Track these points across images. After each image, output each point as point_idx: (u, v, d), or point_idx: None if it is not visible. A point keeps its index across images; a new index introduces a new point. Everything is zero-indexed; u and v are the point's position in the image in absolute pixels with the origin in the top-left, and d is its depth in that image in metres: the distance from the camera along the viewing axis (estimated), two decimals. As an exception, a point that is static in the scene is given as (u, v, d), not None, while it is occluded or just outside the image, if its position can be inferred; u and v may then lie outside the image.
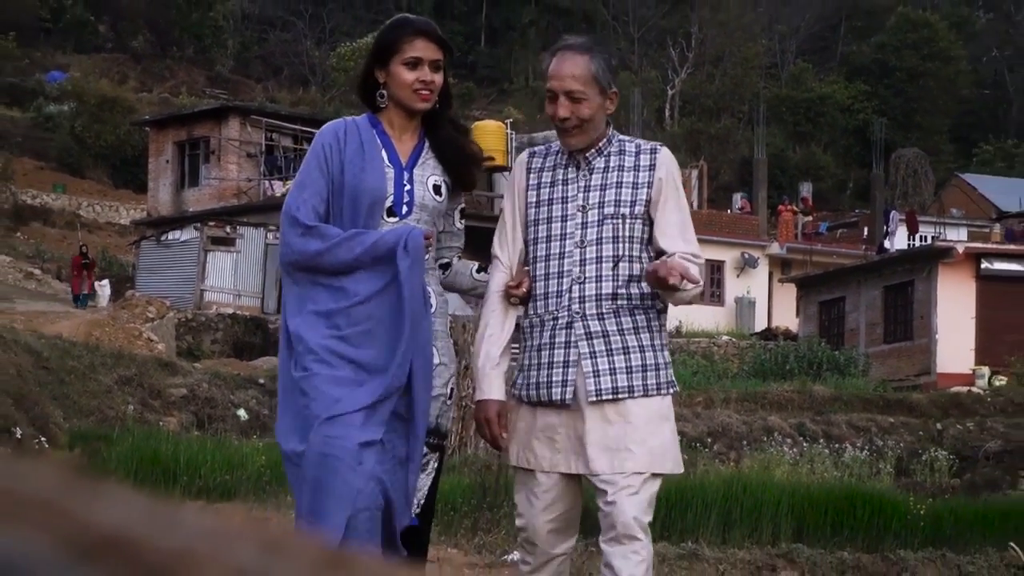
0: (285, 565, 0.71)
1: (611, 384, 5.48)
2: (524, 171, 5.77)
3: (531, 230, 5.68)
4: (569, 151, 5.67)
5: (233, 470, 15.24)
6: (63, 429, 18.03)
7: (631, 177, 5.65)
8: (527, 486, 5.56)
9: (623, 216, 5.59)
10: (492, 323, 5.64)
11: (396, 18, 5.90)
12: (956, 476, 26.55)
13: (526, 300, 5.63)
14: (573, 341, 5.51)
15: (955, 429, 30.32)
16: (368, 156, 5.45)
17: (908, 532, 19.04)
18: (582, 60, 5.60)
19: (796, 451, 24.11)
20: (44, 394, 19.62)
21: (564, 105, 5.53)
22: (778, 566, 16.88)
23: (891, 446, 27.12)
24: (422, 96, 5.47)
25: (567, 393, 5.46)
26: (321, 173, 5.46)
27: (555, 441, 5.50)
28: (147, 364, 27.11)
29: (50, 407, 19.01)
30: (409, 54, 5.44)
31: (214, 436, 19.97)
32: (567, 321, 5.52)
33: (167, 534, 0.71)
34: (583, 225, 5.59)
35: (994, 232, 58.91)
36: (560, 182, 5.67)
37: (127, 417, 21.26)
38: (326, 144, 5.51)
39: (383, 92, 5.56)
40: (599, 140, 5.67)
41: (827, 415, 29.18)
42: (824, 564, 17.87)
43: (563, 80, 5.55)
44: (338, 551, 0.82)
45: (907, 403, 32.21)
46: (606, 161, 5.67)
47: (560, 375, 5.49)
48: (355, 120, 5.61)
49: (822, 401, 30.44)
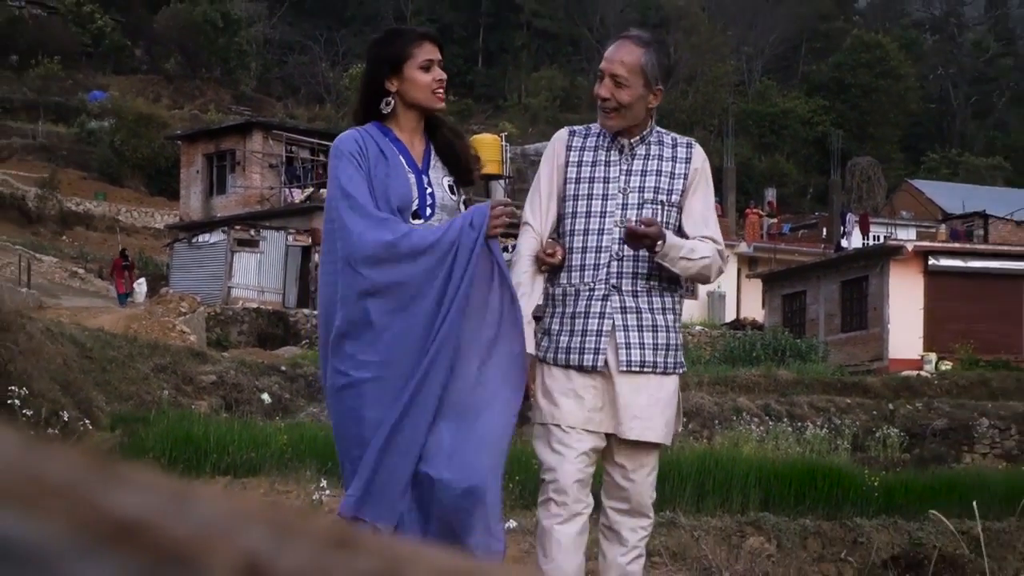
0: (297, 546, 0.70)
1: (640, 357, 5.42)
2: (564, 147, 5.65)
3: (568, 204, 5.57)
4: (613, 135, 5.58)
5: (258, 448, 15.21)
6: (105, 412, 18.01)
7: (669, 167, 5.59)
8: (557, 441, 5.39)
9: (661, 203, 5.54)
10: (524, 282, 5.47)
11: (390, 30, 5.78)
12: (906, 451, 26.58)
13: (556, 269, 5.52)
14: (608, 313, 5.43)
15: (905, 409, 30.32)
16: (391, 163, 5.30)
17: (864, 502, 19.05)
18: (637, 50, 5.51)
19: (762, 429, 24.10)
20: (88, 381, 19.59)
21: (607, 86, 5.46)
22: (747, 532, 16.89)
23: (848, 424, 27.12)
24: (439, 96, 5.38)
25: (599, 360, 5.39)
26: (361, 176, 5.27)
27: (584, 401, 5.40)
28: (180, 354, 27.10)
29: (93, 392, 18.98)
30: (422, 58, 5.32)
31: (240, 418, 19.93)
32: (604, 293, 5.44)
33: (182, 519, 0.69)
34: (624, 206, 5.51)
35: (940, 232, 58.93)
36: (602, 163, 5.57)
37: (162, 401, 21.23)
38: (352, 151, 5.31)
39: (390, 100, 5.38)
40: (642, 129, 5.61)
41: (790, 397, 29.17)
42: (788, 530, 17.87)
43: (612, 63, 5.49)
44: (348, 530, 0.81)
45: (862, 386, 32.21)
46: (647, 150, 5.60)
47: (593, 343, 5.42)
48: (365, 129, 5.41)
49: (786, 384, 30.44)
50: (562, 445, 5.37)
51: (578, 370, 5.43)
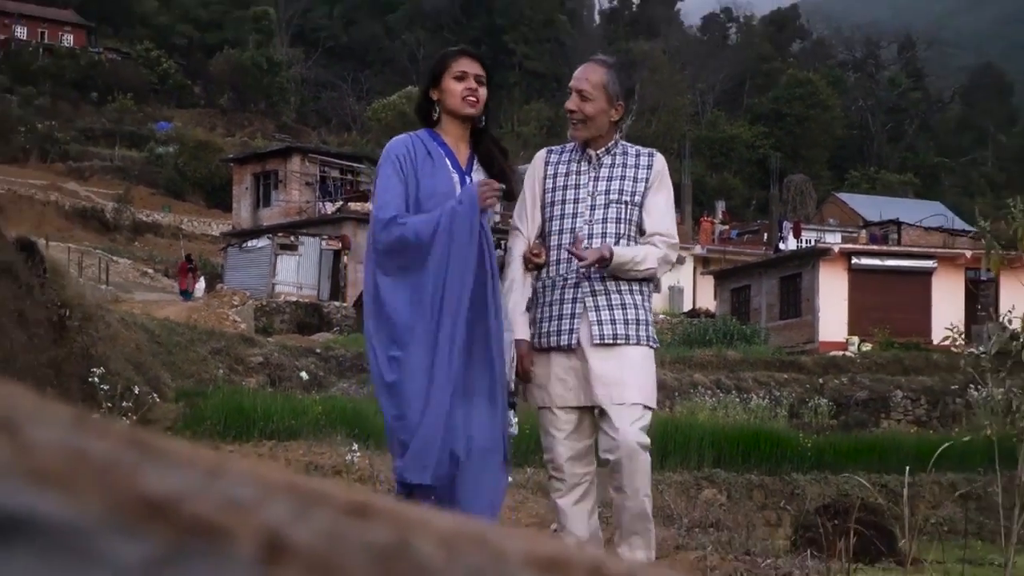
0: (316, 516, 0.67)
1: (611, 331, 5.31)
2: (543, 164, 5.60)
3: (548, 210, 5.49)
4: (583, 149, 5.51)
5: (297, 417, 15.18)
6: (170, 388, 17.97)
7: (632, 172, 5.50)
8: (550, 424, 5.33)
9: (625, 203, 5.44)
10: (517, 279, 5.43)
11: (441, 51, 5.69)
12: (834, 418, 26.57)
13: (541, 267, 5.43)
14: (580, 297, 5.34)
15: (833, 383, 30.33)
16: (437, 163, 5.22)
17: (799, 460, 19.06)
18: (600, 70, 5.46)
19: (714, 400, 24.09)
20: (156, 362, 19.56)
21: (574, 100, 5.42)
22: (702, 485, 16.89)
23: (785, 396, 27.10)
24: (469, 102, 5.26)
25: (573, 339, 5.30)
26: (399, 179, 5.17)
27: (566, 381, 5.30)
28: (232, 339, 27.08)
29: (161, 371, 18.94)
30: (456, 69, 5.25)
31: (283, 392, 19.93)
32: (575, 281, 5.35)
33: (211, 494, 0.66)
34: (592, 208, 5.42)
35: (861, 236, 58.80)
36: (574, 173, 5.51)
37: (218, 378, 21.21)
38: (400, 155, 5.23)
39: (437, 108, 5.32)
40: (607, 141, 5.53)
41: (737, 373, 29.16)
42: (736, 484, 17.88)
43: (579, 80, 5.44)
44: (364, 499, 0.77)
45: (797, 364, 32.22)
46: (612, 159, 5.52)
47: (568, 324, 5.32)
48: (417, 134, 5.36)
49: (734, 363, 30.41)
50: (554, 428, 5.31)
51: (557, 351, 5.34)
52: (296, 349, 27.46)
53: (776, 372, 30.57)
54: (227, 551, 0.59)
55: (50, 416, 0.73)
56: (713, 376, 27.71)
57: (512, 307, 5.37)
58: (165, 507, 0.61)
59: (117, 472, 0.65)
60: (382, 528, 0.69)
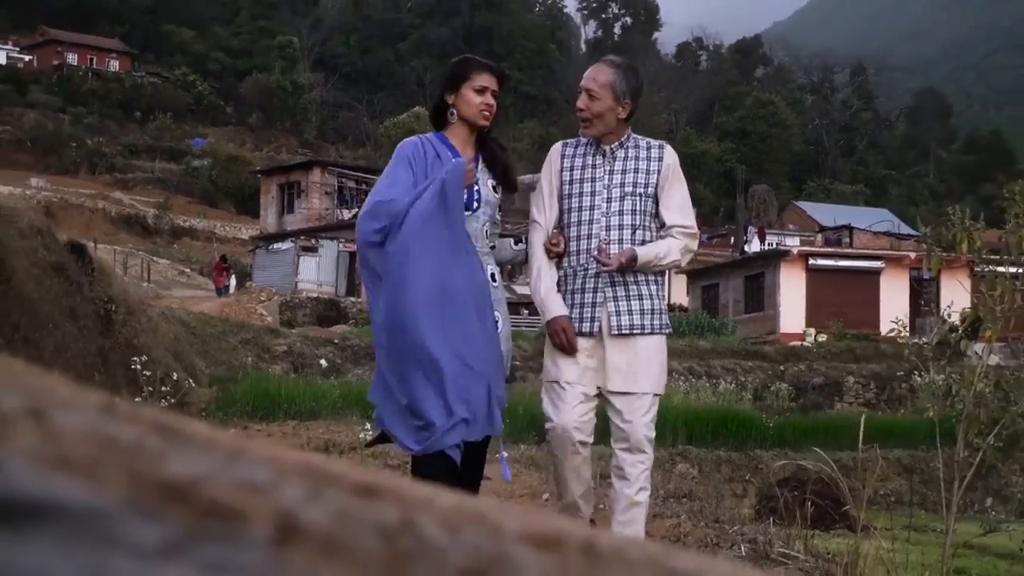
0: (326, 497, 0.65)
1: (628, 321, 5.11)
2: (559, 157, 5.36)
3: (565, 201, 5.25)
4: (597, 143, 5.26)
5: (317, 400, 15.16)
6: (205, 374, 17.96)
7: (644, 164, 5.24)
8: (557, 396, 5.09)
9: (639, 195, 5.19)
10: (544, 265, 5.18)
11: (463, 56, 5.43)
12: (793, 401, 26.59)
13: (561, 256, 5.20)
14: (600, 287, 5.12)
15: (792, 370, 30.35)
16: (445, 163, 4.93)
17: (762, 438, 19.07)
18: (608, 70, 5.23)
19: (687, 385, 24.09)
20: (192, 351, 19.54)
21: (583, 99, 5.20)
22: (676, 460, 16.88)
23: (750, 381, 27.13)
24: (484, 116, 5.08)
25: (595, 326, 5.09)
26: (409, 172, 4.91)
27: (579, 363, 5.08)
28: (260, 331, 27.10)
29: (196, 359, 18.93)
30: (478, 83, 5.04)
31: (304, 377, 19.92)
32: (596, 271, 5.10)
33: (228, 477, 0.64)
34: (608, 199, 5.18)
35: (817, 240, 58.84)
36: (590, 166, 5.25)
37: (247, 366, 21.23)
38: (411, 152, 4.98)
39: (453, 111, 5.07)
40: (619, 136, 5.28)
41: (707, 361, 29.18)
42: (707, 459, 17.87)
43: (587, 80, 5.22)
44: (373, 478, 0.75)
45: (760, 353, 32.25)
46: (625, 152, 5.26)
47: (589, 312, 5.10)
48: (427, 137, 5.11)
49: (704, 352, 30.43)
50: (560, 400, 5.07)
51: (577, 335, 5.12)
52: (316, 339, 27.44)
53: (742, 360, 30.59)
54: (241, 533, 0.57)
55: (80, 403, 0.71)
56: (686, 364, 27.71)
57: (546, 289, 5.16)
58: (184, 491, 0.59)
59: (140, 457, 0.62)
60: (389, 507, 0.66)
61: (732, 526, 8.42)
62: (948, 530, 6.31)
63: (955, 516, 6.22)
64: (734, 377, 27.27)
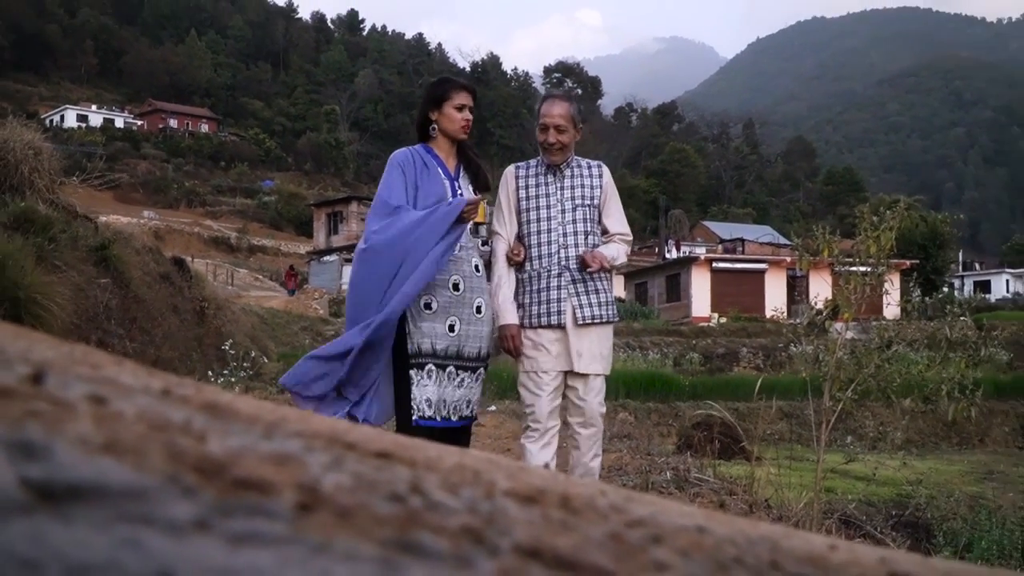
0: (346, 464, 0.59)
1: (590, 312, 4.67)
2: (514, 178, 4.83)
3: (524, 214, 4.77)
4: (548, 164, 4.77)
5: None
6: (274, 353, 17.89)
7: (589, 180, 4.81)
8: (534, 383, 4.62)
9: (587, 206, 4.75)
10: (504, 275, 4.70)
11: (442, 76, 4.77)
12: (702, 366, 26.61)
13: (521, 263, 4.72)
14: (564, 284, 4.66)
15: (701, 343, 30.38)
16: (431, 172, 4.46)
17: (680, 393, 19.07)
18: (565, 104, 4.77)
19: (625, 355, 24.10)
20: (264, 335, 19.48)
21: (553, 134, 4.69)
22: (618, 411, 16.86)
23: (670, 352, 27.14)
24: (464, 130, 4.53)
25: (562, 318, 4.62)
26: (403, 180, 4.39)
27: (550, 351, 4.62)
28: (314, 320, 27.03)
29: (268, 342, 18.87)
30: (458, 101, 4.49)
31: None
32: (558, 272, 4.65)
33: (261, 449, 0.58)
34: (563, 211, 4.72)
35: (718, 249, 58.95)
36: (543, 184, 4.77)
37: (305, 346, 21.15)
38: (403, 161, 4.45)
39: (435, 126, 4.52)
40: (567, 158, 4.82)
41: (639, 338, 29.20)
42: (640, 409, 17.87)
43: (554, 117, 4.69)
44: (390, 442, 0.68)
45: (678, 331, 32.28)
46: (572, 172, 4.79)
47: (556, 307, 4.63)
48: (415, 149, 4.54)
49: (637, 331, 30.46)
50: (537, 388, 4.60)
51: (545, 328, 4.65)
52: (355, 326, 27.42)
53: (664, 337, 30.62)
54: (268, 504, 0.51)
55: (142, 388, 0.65)
56: (624, 340, 27.72)
57: (503, 299, 4.69)
58: (219, 467, 0.53)
59: (185, 436, 0.57)
60: (401, 469, 0.61)
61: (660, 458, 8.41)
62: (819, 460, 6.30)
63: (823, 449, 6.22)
64: (659, 349, 27.29)
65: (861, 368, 6.20)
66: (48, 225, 8.61)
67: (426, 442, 0.73)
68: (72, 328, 7.83)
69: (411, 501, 0.56)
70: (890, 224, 6.22)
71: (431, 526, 0.53)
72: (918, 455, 12.61)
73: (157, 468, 0.51)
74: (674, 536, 0.59)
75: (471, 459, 0.70)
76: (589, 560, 0.52)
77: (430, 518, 0.54)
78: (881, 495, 9.15)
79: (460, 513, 0.56)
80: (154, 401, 0.61)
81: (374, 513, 0.53)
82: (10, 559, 0.41)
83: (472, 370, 4.46)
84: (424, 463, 0.63)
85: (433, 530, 0.52)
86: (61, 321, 7.31)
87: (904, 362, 6.46)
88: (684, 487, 6.74)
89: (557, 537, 0.55)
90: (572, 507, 0.62)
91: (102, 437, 0.53)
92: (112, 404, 0.58)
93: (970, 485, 11.63)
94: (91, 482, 0.48)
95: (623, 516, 0.63)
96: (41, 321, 6.90)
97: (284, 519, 0.49)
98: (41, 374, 0.60)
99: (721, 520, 0.70)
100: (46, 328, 6.87)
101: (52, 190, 9.84)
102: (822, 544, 0.67)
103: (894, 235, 6.21)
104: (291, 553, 0.46)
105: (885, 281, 6.53)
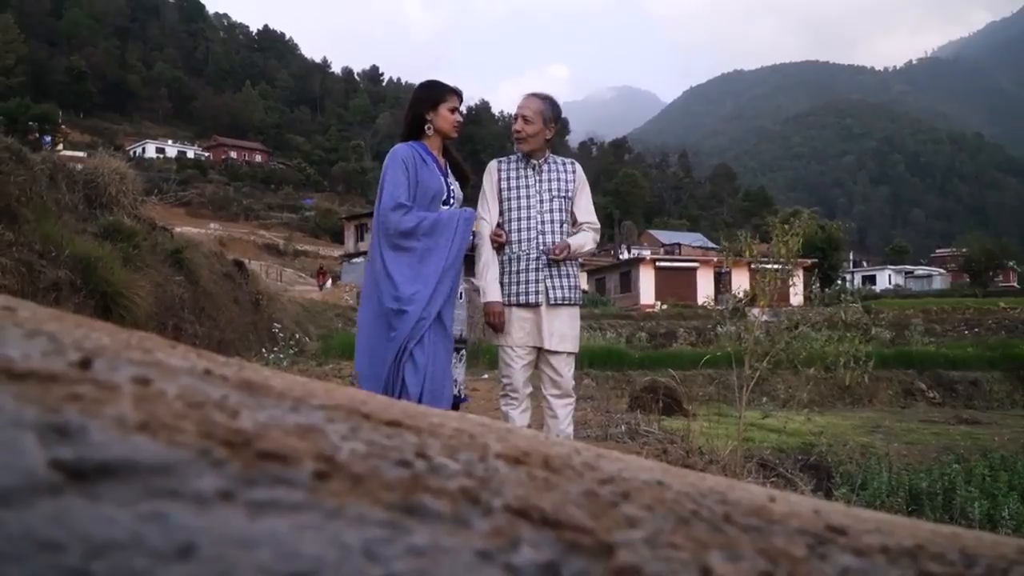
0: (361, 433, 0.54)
1: (562, 295, 4.25)
2: (496, 170, 4.37)
3: (506, 203, 4.31)
4: (527, 159, 4.33)
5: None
6: (315, 335, 17.78)
7: (563, 175, 4.34)
8: (511, 356, 4.23)
9: (563, 197, 4.30)
10: (491, 257, 4.24)
11: (432, 80, 4.14)
12: (649, 342, 26.60)
13: (502, 246, 4.24)
14: (540, 267, 4.23)
15: (648, 325, 30.36)
16: (429, 167, 3.92)
17: (632, 364, 19.05)
18: (538, 100, 4.33)
19: (588, 335, 24.07)
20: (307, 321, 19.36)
21: (519, 123, 4.27)
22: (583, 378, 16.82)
23: (624, 332, 27.12)
24: (456, 130, 4.03)
25: (538, 298, 4.20)
26: (405, 176, 3.86)
27: (525, 328, 4.20)
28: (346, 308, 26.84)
29: (309, 326, 18.75)
30: (450, 104, 4.00)
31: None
32: (536, 255, 4.20)
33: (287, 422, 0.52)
34: (540, 201, 4.26)
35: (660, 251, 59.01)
36: (523, 176, 4.30)
37: (339, 329, 21.02)
38: (405, 157, 3.90)
39: (431, 125, 4.00)
40: (544, 154, 4.35)
41: (599, 320, 29.19)
42: (600, 377, 17.80)
43: (522, 108, 4.29)
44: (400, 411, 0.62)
45: (630, 316, 32.28)
46: (548, 166, 4.32)
47: (532, 287, 4.19)
48: (413, 144, 3.97)
49: (597, 315, 30.46)
50: (512, 359, 4.21)
51: (521, 306, 4.23)
52: (377, 313, 27.26)
53: (619, 320, 30.60)
54: (288, 473, 0.45)
55: (185, 369, 0.58)
56: (587, 322, 27.69)
57: (491, 279, 4.26)
58: (247, 440, 0.47)
59: (219, 413, 0.51)
60: (409, 436, 0.56)
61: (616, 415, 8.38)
62: (740, 416, 6.28)
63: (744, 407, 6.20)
64: (615, 330, 27.25)
65: (774, 344, 6.18)
66: (132, 234, 8.50)
67: (430, 409, 0.67)
68: (152, 316, 7.74)
69: (416, 465, 0.51)
70: (796, 231, 6.20)
71: (433, 489, 0.48)
72: (819, 412, 12.64)
73: (189, 443, 0.45)
74: (640, 492, 0.55)
75: (468, 423, 0.66)
76: (570, 518, 0.47)
77: (432, 482, 0.49)
78: (790, 444, 9.15)
79: (458, 476, 0.51)
80: (196, 380, 0.56)
81: (383, 478, 0.47)
82: (30, 541, 0.35)
83: (455, 351, 4.04)
84: (428, 429, 0.58)
85: (434, 493, 0.47)
86: (143, 311, 7.21)
87: (807, 340, 6.44)
88: (635, 438, 6.71)
89: (542, 496, 0.50)
90: (552, 466, 0.58)
91: (140, 416, 0.47)
92: (155, 384, 0.52)
93: (861, 436, 11.65)
94: (122, 460, 0.42)
95: (596, 473, 0.59)
96: (128, 311, 6.81)
97: (303, 487, 0.44)
98: (89, 360, 0.53)
99: (675, 473, 0.66)
100: (131, 317, 6.78)
101: (135, 207, 9.73)
102: (763, 495, 0.62)
103: (800, 240, 6.19)
104: (306, 519, 0.41)
105: (792, 276, 6.51)
